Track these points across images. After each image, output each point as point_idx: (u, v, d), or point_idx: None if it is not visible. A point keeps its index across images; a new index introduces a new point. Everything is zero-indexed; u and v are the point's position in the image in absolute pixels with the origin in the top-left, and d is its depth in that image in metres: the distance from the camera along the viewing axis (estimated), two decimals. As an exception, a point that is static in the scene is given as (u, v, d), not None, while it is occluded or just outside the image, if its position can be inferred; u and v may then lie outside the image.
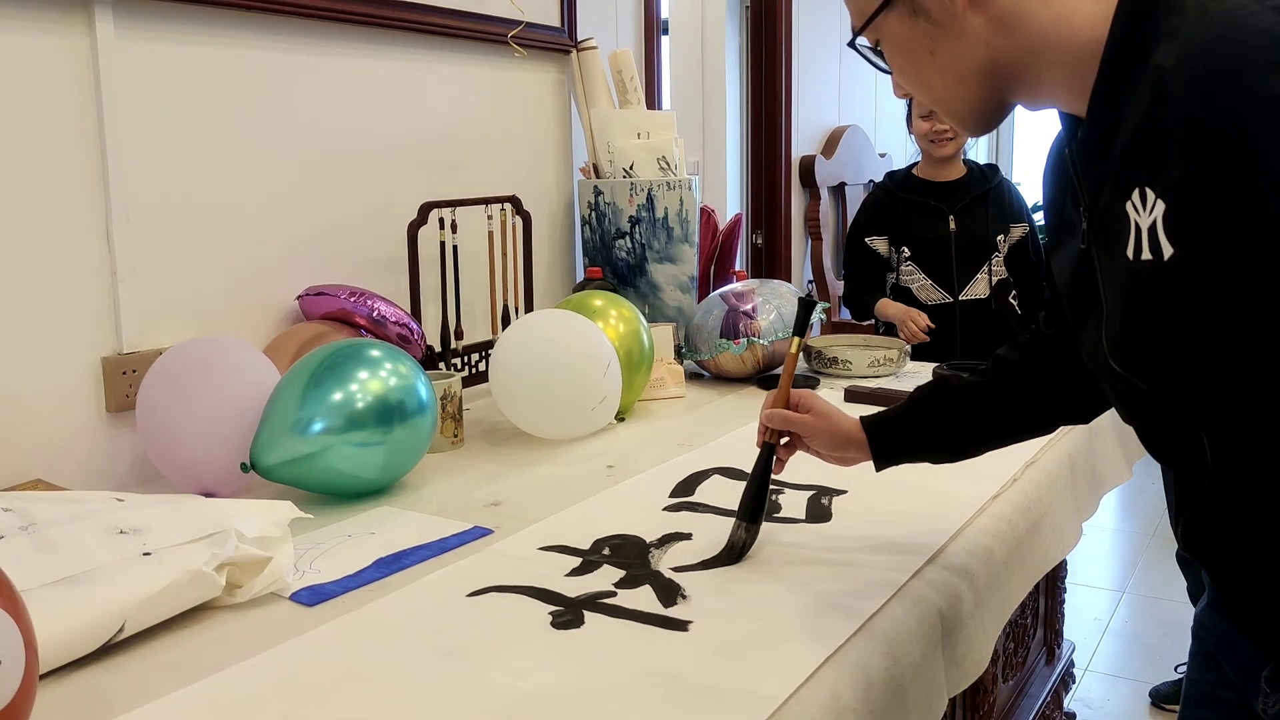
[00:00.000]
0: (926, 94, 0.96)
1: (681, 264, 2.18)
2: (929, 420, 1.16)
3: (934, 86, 0.94)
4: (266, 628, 1.02)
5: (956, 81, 0.91)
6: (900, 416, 1.17)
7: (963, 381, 1.15)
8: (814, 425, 1.16)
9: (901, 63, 0.95)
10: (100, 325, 1.47)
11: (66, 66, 1.41)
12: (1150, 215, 0.77)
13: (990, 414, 1.14)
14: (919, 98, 0.97)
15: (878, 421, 1.17)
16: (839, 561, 1.16)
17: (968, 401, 1.15)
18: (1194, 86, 0.73)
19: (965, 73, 0.90)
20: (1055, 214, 0.97)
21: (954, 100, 0.94)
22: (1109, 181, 0.83)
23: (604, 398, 1.63)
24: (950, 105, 0.95)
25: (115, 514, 1.09)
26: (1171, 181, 0.74)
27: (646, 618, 1.02)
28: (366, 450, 1.35)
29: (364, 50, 1.81)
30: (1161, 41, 0.76)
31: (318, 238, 1.76)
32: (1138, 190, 0.78)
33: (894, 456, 1.17)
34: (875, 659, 0.96)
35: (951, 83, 0.92)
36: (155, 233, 1.52)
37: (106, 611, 0.95)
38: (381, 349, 1.41)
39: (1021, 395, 1.13)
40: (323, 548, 1.22)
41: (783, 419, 1.16)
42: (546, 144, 2.26)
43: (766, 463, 1.17)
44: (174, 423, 1.36)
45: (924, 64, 0.92)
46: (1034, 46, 0.87)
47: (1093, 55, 0.83)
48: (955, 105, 0.94)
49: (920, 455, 1.17)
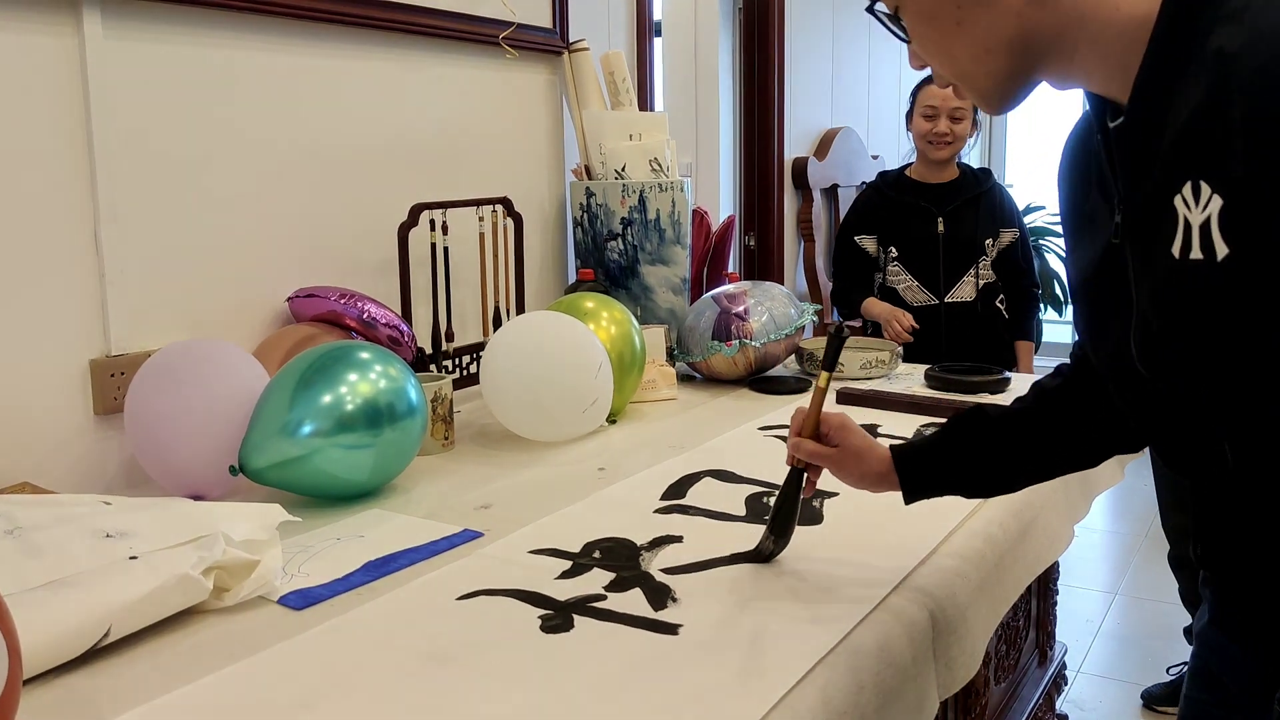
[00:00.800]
0: (948, 66, 0.88)
1: (674, 266, 2.18)
2: (964, 452, 1.10)
3: (957, 58, 0.87)
4: (254, 631, 1.02)
5: (983, 54, 0.85)
6: (933, 448, 1.11)
7: (1002, 411, 1.09)
8: (840, 461, 1.12)
9: (923, 30, 0.88)
10: (88, 327, 1.46)
11: (54, 67, 1.40)
12: (1204, 211, 0.72)
13: (1031, 446, 1.08)
14: (938, 70, 0.90)
15: (908, 454, 1.11)
16: (830, 563, 1.16)
17: (1007, 432, 1.08)
18: (1264, 74, 0.68)
19: (993, 45, 0.84)
20: (1074, 209, 0.92)
21: (978, 74, 0.87)
22: (1153, 173, 0.78)
23: (595, 400, 1.63)
24: (974, 80, 0.88)
25: (102, 517, 1.08)
26: (1233, 176, 0.70)
27: (636, 621, 1.01)
28: (356, 453, 1.34)
29: (354, 51, 1.80)
30: (1222, 23, 0.72)
31: (308, 239, 1.75)
32: (1190, 184, 0.73)
33: (925, 490, 1.11)
34: (866, 662, 0.95)
35: (978, 55, 0.85)
36: (144, 234, 1.51)
37: (92, 615, 0.94)
38: (371, 351, 1.41)
39: (1067, 425, 1.06)
40: (311, 551, 1.21)
41: (809, 452, 1.12)
42: (538, 145, 2.26)
43: (796, 485, 1.14)
44: (163, 425, 1.35)
45: (949, 33, 0.86)
46: (1070, 20, 0.82)
47: (1137, 33, 0.77)
48: (979, 80, 0.87)
49: (953, 489, 1.12)
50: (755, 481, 1.43)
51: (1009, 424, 1.09)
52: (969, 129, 2.66)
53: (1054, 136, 5.77)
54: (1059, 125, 5.81)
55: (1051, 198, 5.58)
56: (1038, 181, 5.81)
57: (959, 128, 2.63)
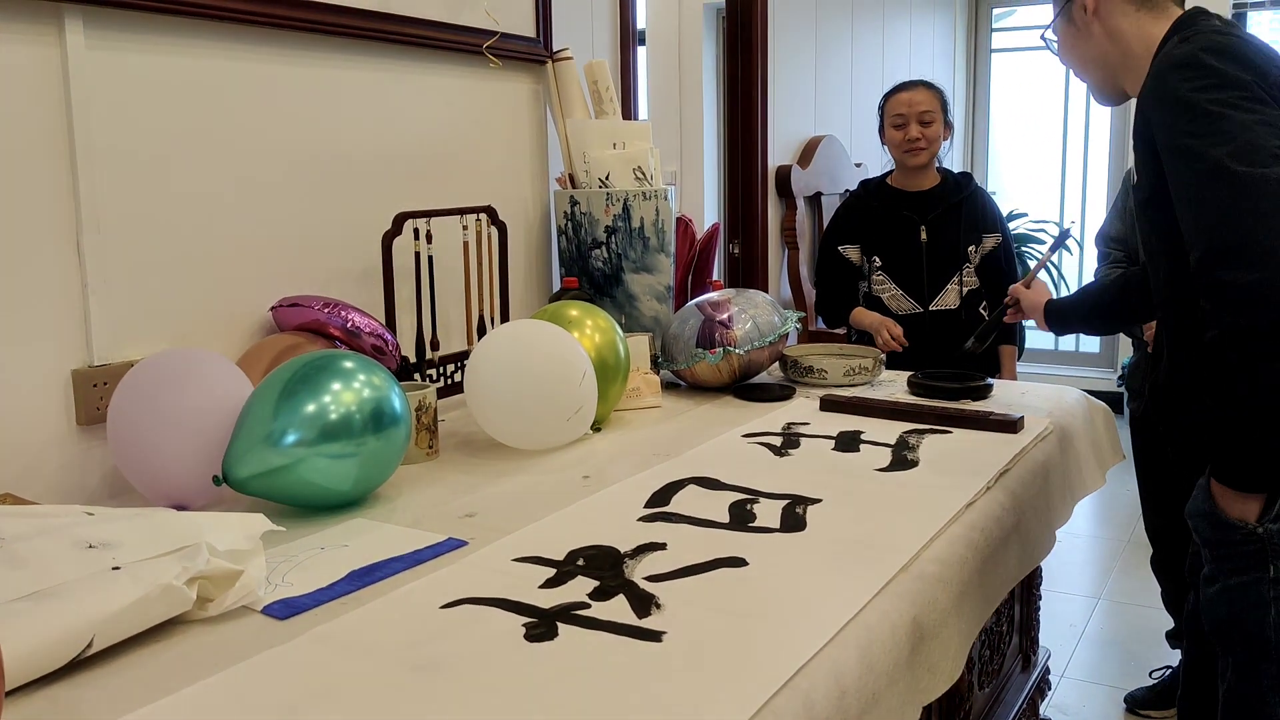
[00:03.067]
0: (1075, 70, 1.57)
1: (658, 274, 2.18)
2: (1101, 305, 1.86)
3: (1074, 66, 1.56)
4: (238, 641, 1.01)
5: (1089, 65, 1.52)
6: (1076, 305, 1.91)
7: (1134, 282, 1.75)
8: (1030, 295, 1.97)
9: (1061, 47, 1.56)
10: (70, 337, 1.46)
11: (36, 77, 1.40)
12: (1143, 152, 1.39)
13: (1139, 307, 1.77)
14: (1072, 69, 1.58)
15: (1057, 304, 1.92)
16: (813, 570, 1.16)
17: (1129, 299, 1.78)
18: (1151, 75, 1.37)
19: (1088, 61, 1.52)
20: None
21: (1087, 77, 1.55)
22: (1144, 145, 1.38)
23: (580, 408, 1.63)
24: (1087, 80, 1.56)
25: (85, 528, 1.08)
26: (1144, 132, 1.37)
27: (620, 629, 1.01)
28: (340, 462, 1.34)
29: (338, 60, 1.80)
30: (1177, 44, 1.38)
31: (291, 248, 1.75)
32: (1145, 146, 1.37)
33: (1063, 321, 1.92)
34: (849, 666, 0.96)
35: (1085, 65, 1.53)
36: (126, 244, 1.51)
37: (74, 626, 0.94)
38: (355, 360, 1.41)
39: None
40: (295, 560, 1.21)
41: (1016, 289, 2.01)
42: (522, 154, 2.26)
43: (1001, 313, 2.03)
44: (146, 435, 1.35)
45: (1069, 50, 1.54)
46: (1127, 52, 1.46)
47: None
48: (1089, 81, 1.56)
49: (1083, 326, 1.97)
50: (739, 489, 1.44)
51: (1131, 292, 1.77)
52: (941, 131, 2.66)
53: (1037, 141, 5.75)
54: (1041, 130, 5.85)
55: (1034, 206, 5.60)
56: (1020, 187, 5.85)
57: (929, 130, 2.63)
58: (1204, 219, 1.24)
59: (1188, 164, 1.26)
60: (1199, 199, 1.25)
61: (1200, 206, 1.25)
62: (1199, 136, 1.25)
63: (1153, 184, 1.36)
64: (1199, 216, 1.25)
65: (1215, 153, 1.23)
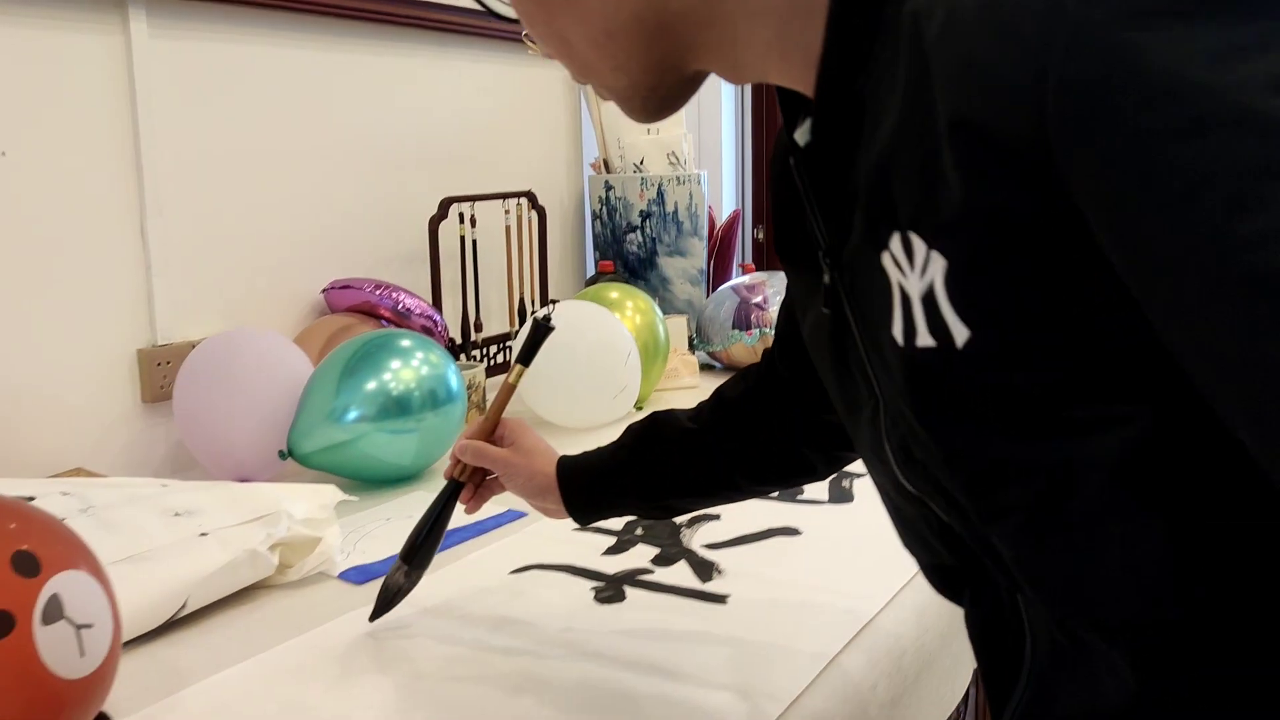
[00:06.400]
0: (568, 58, 0.65)
1: (691, 257, 2.22)
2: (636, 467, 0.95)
3: (574, 46, 0.63)
4: (319, 604, 1.06)
5: (604, 39, 0.60)
6: (601, 461, 0.97)
7: (679, 424, 0.94)
8: (511, 463, 0.95)
9: (529, 9, 0.64)
10: (135, 318, 1.50)
11: (102, 65, 1.44)
12: (922, 276, 0.48)
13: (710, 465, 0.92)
14: (561, 62, 0.66)
15: (573, 466, 0.96)
16: (865, 539, 1.20)
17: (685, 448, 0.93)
18: (968, 65, 0.43)
19: (614, 28, 0.59)
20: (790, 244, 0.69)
21: (603, 68, 0.63)
22: (855, 213, 0.54)
23: (625, 386, 1.67)
24: (601, 75, 0.64)
25: (168, 497, 1.12)
26: (945, 221, 0.46)
27: (685, 592, 1.06)
28: (400, 437, 1.39)
29: (383, 48, 1.84)
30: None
31: (340, 232, 1.80)
32: (897, 236, 0.49)
33: (588, 508, 0.96)
34: (906, 629, 1.00)
35: (597, 41, 0.61)
36: (186, 228, 1.55)
37: (170, 589, 0.99)
38: (412, 339, 1.45)
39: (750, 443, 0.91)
40: (364, 530, 1.26)
41: (475, 452, 0.95)
42: (558, 140, 2.30)
43: (446, 501, 0.98)
44: (212, 412, 1.40)
45: (558, 11, 0.61)
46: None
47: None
48: (606, 75, 0.63)
49: (621, 508, 0.98)
50: (784, 463, 1.48)
51: (685, 444, 0.93)
52: None
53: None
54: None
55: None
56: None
57: None
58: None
59: (1222, 263, 0.37)
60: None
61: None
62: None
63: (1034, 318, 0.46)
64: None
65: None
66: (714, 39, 0.59)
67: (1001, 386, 0.48)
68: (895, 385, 0.54)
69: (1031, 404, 0.47)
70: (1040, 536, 0.51)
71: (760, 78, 0.60)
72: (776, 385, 0.89)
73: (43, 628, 0.72)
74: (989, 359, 0.47)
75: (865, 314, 0.56)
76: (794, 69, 0.57)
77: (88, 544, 0.81)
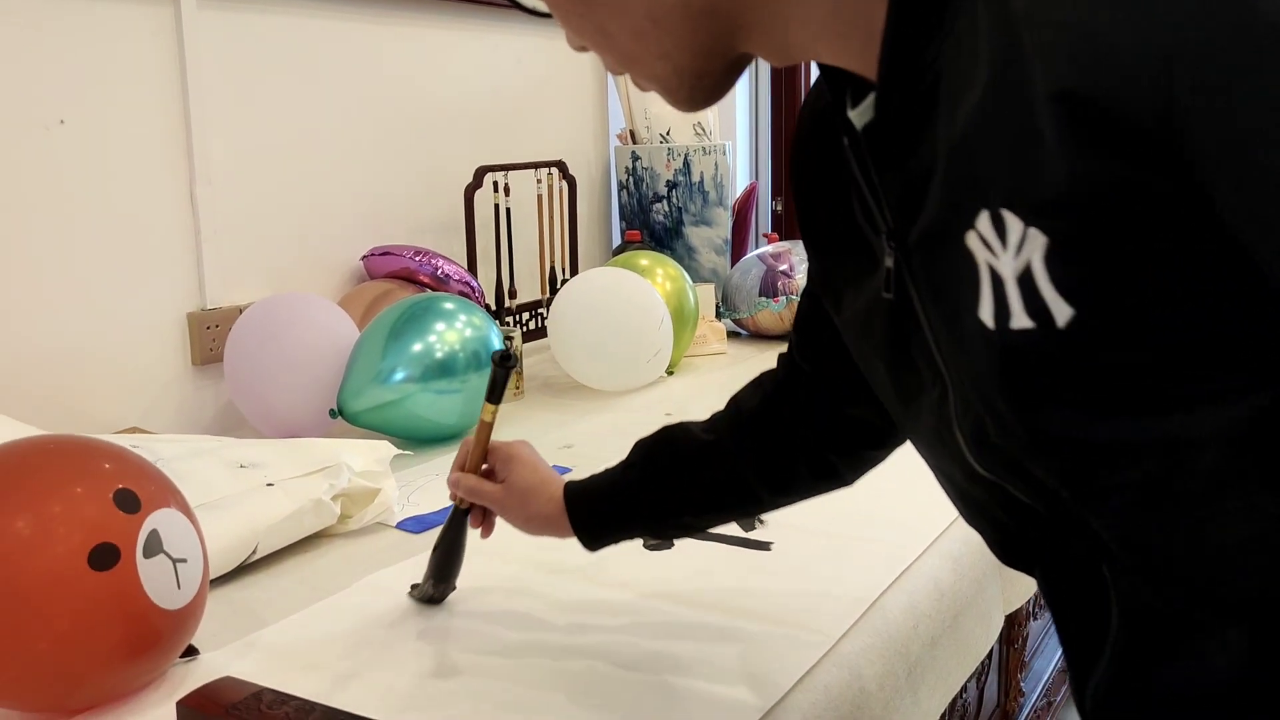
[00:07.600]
0: (607, 50, 0.62)
1: (716, 226, 2.26)
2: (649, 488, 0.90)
3: (614, 37, 0.60)
4: (380, 551, 1.11)
5: (649, 27, 0.58)
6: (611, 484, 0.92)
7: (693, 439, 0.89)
8: (506, 505, 0.95)
9: (564, 3, 0.61)
10: (186, 283, 1.55)
11: (153, 37, 1.48)
12: (1018, 256, 0.46)
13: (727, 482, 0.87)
14: (598, 54, 0.63)
15: (581, 494, 0.92)
16: (900, 491, 1.23)
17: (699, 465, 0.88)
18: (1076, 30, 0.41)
19: (659, 14, 0.57)
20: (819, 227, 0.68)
21: (648, 57, 0.60)
22: (930, 195, 0.52)
23: (658, 350, 1.71)
24: (644, 65, 0.61)
25: (231, 450, 1.17)
26: (1047, 198, 0.44)
27: (730, 540, 1.11)
28: (445, 397, 1.43)
29: (422, 20, 1.88)
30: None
31: (379, 200, 1.84)
32: (987, 214, 0.47)
33: (602, 535, 0.93)
34: (944, 574, 1.05)
35: (640, 30, 0.58)
36: (234, 195, 1.60)
37: (241, 535, 1.04)
38: (456, 303, 1.49)
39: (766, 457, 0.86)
40: (415, 484, 1.31)
41: (469, 490, 0.96)
42: (585, 110, 2.34)
43: (459, 526, 0.98)
44: (262, 373, 1.44)
45: (597, 3, 0.59)
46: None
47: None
48: (651, 65, 0.60)
49: (637, 531, 0.94)
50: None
51: (702, 456, 0.88)
52: None
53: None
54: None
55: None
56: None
57: None
58: None
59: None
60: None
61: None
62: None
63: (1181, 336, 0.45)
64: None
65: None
66: (764, 18, 0.56)
67: (1109, 366, 0.46)
68: (973, 370, 0.52)
69: (1141, 382, 0.46)
70: (1150, 515, 0.49)
71: (810, 57, 0.57)
72: (797, 384, 0.85)
73: (144, 560, 0.77)
74: (1096, 338, 0.45)
75: (939, 298, 0.54)
76: (852, 45, 0.54)
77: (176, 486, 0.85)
